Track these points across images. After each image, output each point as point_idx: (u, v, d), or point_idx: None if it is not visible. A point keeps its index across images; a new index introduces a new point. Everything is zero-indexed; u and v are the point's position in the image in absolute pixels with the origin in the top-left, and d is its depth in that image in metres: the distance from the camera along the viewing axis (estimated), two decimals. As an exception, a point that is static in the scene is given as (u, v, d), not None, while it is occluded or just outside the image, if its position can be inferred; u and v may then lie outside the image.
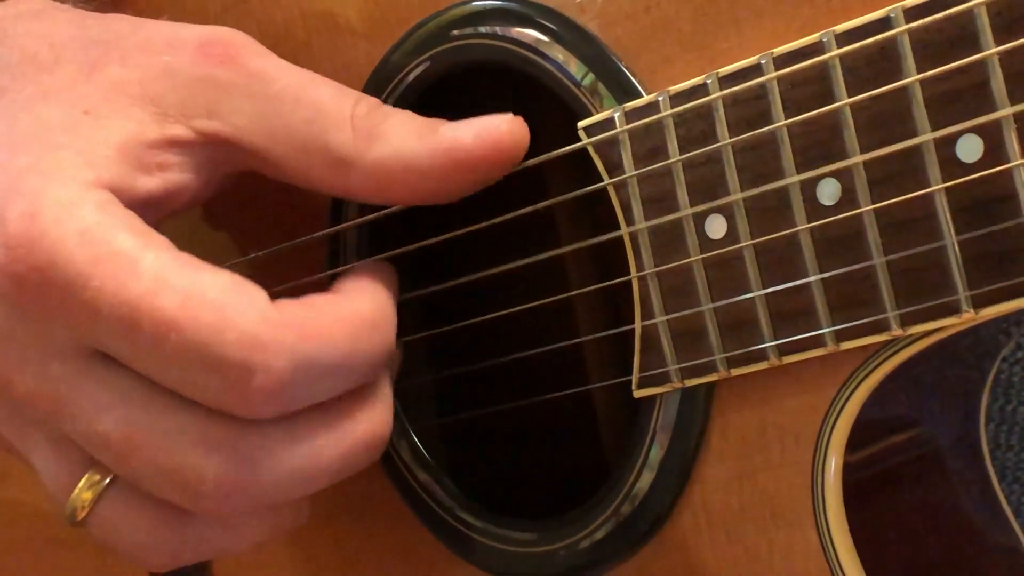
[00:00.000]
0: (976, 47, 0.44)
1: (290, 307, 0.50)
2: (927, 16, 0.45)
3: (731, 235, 0.51)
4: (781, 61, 0.48)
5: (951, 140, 0.45)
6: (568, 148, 0.54)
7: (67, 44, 0.55)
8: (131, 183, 0.52)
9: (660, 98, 0.51)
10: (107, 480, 0.52)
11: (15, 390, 0.51)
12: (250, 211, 0.66)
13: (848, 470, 0.50)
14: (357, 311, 0.52)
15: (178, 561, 0.54)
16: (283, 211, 0.64)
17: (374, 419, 0.53)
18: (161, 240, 0.50)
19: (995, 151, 0.45)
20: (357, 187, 0.54)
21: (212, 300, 0.48)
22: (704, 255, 0.51)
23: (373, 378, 0.53)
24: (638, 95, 0.53)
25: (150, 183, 0.53)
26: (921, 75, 0.45)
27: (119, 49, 0.54)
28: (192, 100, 0.53)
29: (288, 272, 0.65)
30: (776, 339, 0.50)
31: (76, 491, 0.52)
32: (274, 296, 0.50)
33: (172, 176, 0.53)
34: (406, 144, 0.53)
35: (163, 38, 0.54)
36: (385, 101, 0.61)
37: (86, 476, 0.52)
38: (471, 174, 0.53)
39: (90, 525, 0.53)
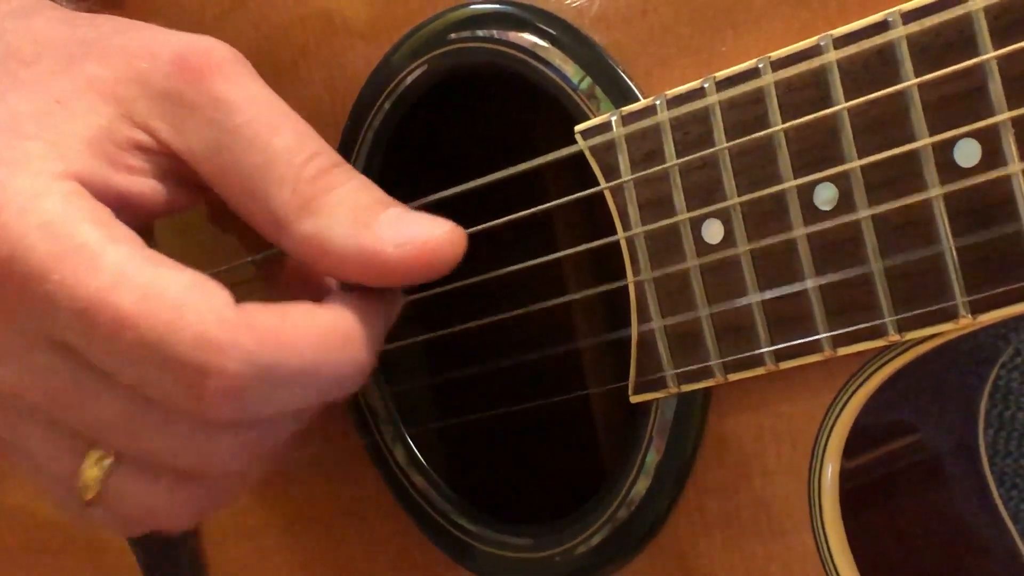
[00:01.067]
0: (974, 51, 0.44)
1: (254, 311, 0.48)
2: (925, 20, 0.45)
3: (728, 239, 0.50)
4: (778, 64, 0.48)
5: (949, 144, 0.45)
6: (565, 151, 0.54)
7: (51, 41, 0.54)
8: (103, 177, 0.51)
9: (657, 102, 0.51)
10: (111, 457, 0.51)
11: (1, 384, 0.50)
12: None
13: (845, 476, 0.50)
14: (331, 324, 0.50)
15: (205, 514, 0.53)
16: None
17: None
18: (126, 233, 0.49)
19: (993, 156, 0.44)
20: (290, 251, 0.52)
21: (170, 298, 0.47)
22: (701, 260, 0.51)
23: (350, 392, 0.52)
24: (635, 99, 0.53)
25: (121, 180, 0.52)
26: (919, 79, 0.45)
27: (99, 48, 0.54)
28: (158, 111, 0.52)
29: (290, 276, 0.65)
30: (773, 344, 0.50)
31: (82, 473, 0.51)
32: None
33: (140, 180, 0.53)
34: (334, 229, 0.51)
35: (144, 44, 0.53)
36: (383, 103, 0.61)
37: (89, 455, 0.51)
38: (390, 279, 0.51)
39: (103, 501, 0.52)
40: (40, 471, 0.53)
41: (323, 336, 0.50)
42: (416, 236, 0.51)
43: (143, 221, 0.54)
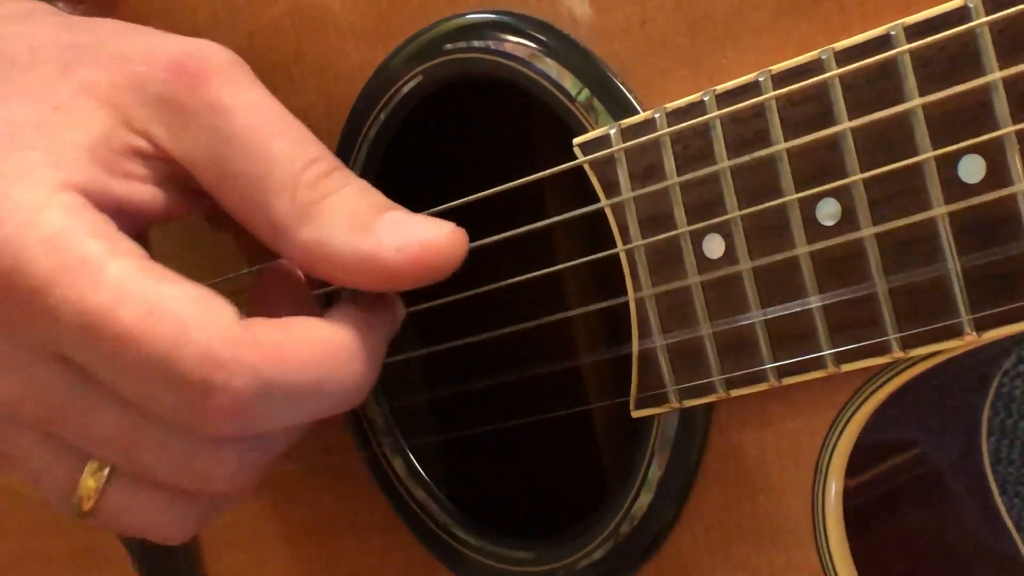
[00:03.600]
0: (978, 65, 0.44)
1: (259, 326, 0.48)
2: (928, 34, 0.44)
3: (729, 255, 0.50)
4: (779, 79, 0.48)
5: (953, 160, 0.45)
6: (564, 166, 0.53)
7: (47, 46, 0.53)
8: (103, 185, 0.50)
9: (657, 115, 0.51)
10: (108, 467, 0.51)
11: (1, 396, 0.50)
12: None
13: (849, 493, 0.50)
14: (335, 337, 0.50)
15: (201, 526, 0.53)
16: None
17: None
18: (129, 247, 0.48)
19: (998, 171, 0.44)
20: (291, 257, 0.52)
21: (174, 313, 0.46)
22: (702, 275, 0.50)
23: (353, 406, 0.51)
24: (634, 111, 0.52)
25: (120, 188, 0.51)
26: (923, 99, 0.44)
27: (95, 53, 0.53)
28: (156, 117, 0.51)
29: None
30: (775, 360, 0.49)
31: (81, 482, 0.51)
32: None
33: (138, 186, 0.52)
34: (334, 235, 0.50)
35: (140, 48, 0.53)
36: (379, 114, 0.60)
37: (87, 466, 0.51)
38: (391, 283, 0.51)
39: (100, 513, 0.51)
40: (39, 481, 0.53)
41: (327, 351, 0.49)
42: (417, 238, 0.50)
43: (142, 227, 0.53)
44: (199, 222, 0.66)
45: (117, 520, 0.52)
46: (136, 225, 0.53)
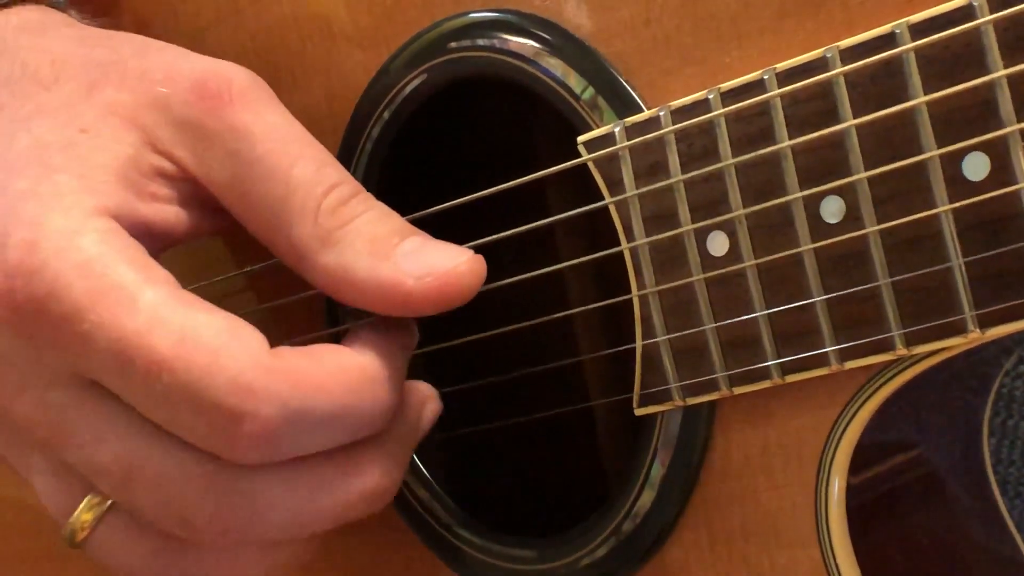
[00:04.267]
0: (983, 63, 0.44)
1: (287, 355, 0.49)
2: (933, 32, 0.45)
3: (733, 252, 0.50)
4: (784, 77, 0.48)
5: (957, 157, 0.45)
6: (568, 164, 0.53)
7: (68, 61, 0.54)
8: (132, 208, 0.51)
9: (661, 113, 0.51)
10: (107, 504, 0.52)
11: (15, 415, 0.51)
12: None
13: (852, 491, 0.50)
14: (359, 364, 0.50)
15: None
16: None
17: (376, 473, 0.52)
18: (162, 275, 0.49)
19: (1002, 169, 0.44)
20: (311, 280, 0.52)
21: (207, 342, 0.47)
22: (706, 273, 0.51)
23: (375, 432, 0.52)
24: (638, 109, 0.52)
25: (148, 210, 0.52)
26: (928, 97, 0.45)
27: (118, 72, 0.53)
28: (180, 138, 0.52)
29: (284, 286, 0.64)
30: (779, 358, 0.49)
31: (76, 513, 0.52)
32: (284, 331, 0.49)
33: (164, 207, 0.53)
34: (355, 262, 0.51)
35: (163, 68, 0.53)
36: (381, 114, 0.60)
37: (87, 499, 0.52)
38: (411, 310, 0.51)
39: (89, 547, 0.52)
40: (43, 501, 0.53)
41: (353, 379, 0.50)
42: (436, 267, 0.51)
43: (166, 247, 0.54)
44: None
45: (103, 557, 0.53)
46: (161, 245, 0.54)
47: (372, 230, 0.52)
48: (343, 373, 0.50)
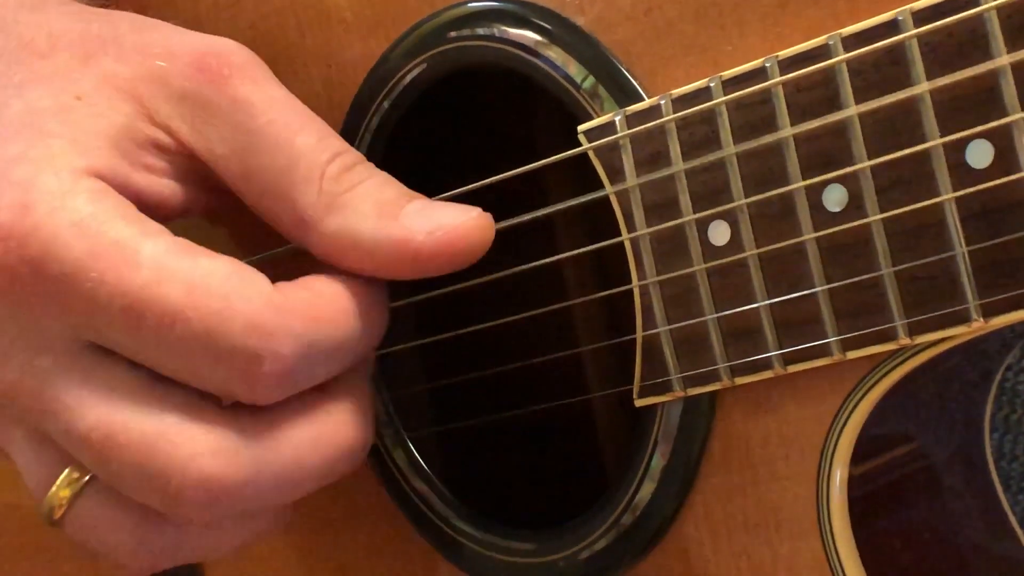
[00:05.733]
0: (987, 50, 0.43)
1: (292, 291, 0.49)
2: (936, 19, 0.44)
3: (735, 242, 0.50)
4: (786, 64, 0.47)
5: (961, 145, 0.44)
6: (568, 153, 0.53)
7: (65, 34, 0.53)
8: (124, 174, 0.51)
9: (662, 102, 0.50)
10: (86, 478, 0.51)
11: (1, 384, 0.50)
12: (245, 213, 0.64)
13: (853, 483, 0.49)
14: (355, 292, 0.51)
15: (157, 565, 0.53)
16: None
17: (354, 424, 0.52)
18: (156, 227, 0.49)
19: (1006, 157, 0.44)
20: (315, 250, 0.52)
21: (217, 288, 0.47)
22: (707, 263, 0.50)
23: (368, 357, 0.53)
24: (639, 98, 0.52)
25: (141, 179, 0.51)
26: (931, 84, 0.44)
27: (116, 44, 0.53)
28: (178, 112, 0.52)
29: (283, 277, 0.64)
30: (781, 348, 0.49)
31: (54, 488, 0.51)
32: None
33: (158, 180, 0.52)
34: (361, 224, 0.51)
35: (162, 43, 0.53)
36: (381, 103, 0.60)
37: (65, 473, 0.51)
38: (420, 268, 0.51)
39: (67, 524, 0.52)
40: (25, 477, 0.53)
41: (352, 305, 0.51)
42: (444, 223, 0.51)
43: (159, 222, 0.53)
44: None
45: (82, 534, 0.52)
46: (154, 218, 0.53)
47: (378, 193, 0.52)
48: (343, 301, 0.50)
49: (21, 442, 0.52)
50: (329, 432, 0.51)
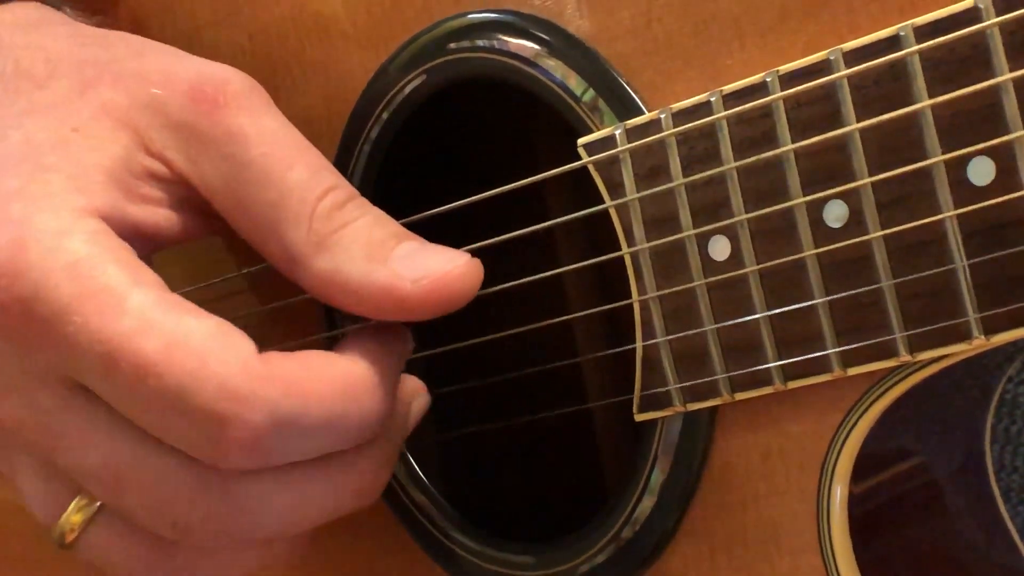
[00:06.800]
0: (988, 67, 0.43)
1: (277, 360, 0.48)
2: (938, 35, 0.44)
3: (735, 257, 0.49)
4: (787, 79, 0.47)
5: (962, 162, 0.44)
6: (568, 167, 0.53)
7: (62, 59, 0.53)
8: (122, 210, 0.51)
9: (662, 116, 0.50)
10: (97, 505, 0.51)
11: (3, 415, 0.50)
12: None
13: (854, 499, 0.49)
14: (351, 372, 0.50)
15: None
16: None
17: (367, 472, 0.52)
18: (150, 277, 0.49)
19: (1007, 174, 0.43)
20: (305, 286, 0.52)
21: (194, 347, 0.47)
22: (707, 278, 0.50)
23: (368, 439, 0.51)
24: (639, 111, 0.52)
25: (139, 212, 0.51)
26: (933, 100, 0.44)
27: (112, 71, 0.53)
28: (173, 141, 0.52)
29: (283, 288, 0.64)
30: (781, 363, 0.49)
31: (65, 515, 0.51)
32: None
33: (155, 210, 0.52)
34: (350, 266, 0.50)
35: (158, 70, 0.53)
36: (381, 114, 0.60)
37: (76, 500, 0.51)
38: (408, 314, 0.51)
39: (79, 548, 0.52)
40: (30, 504, 0.53)
41: (344, 386, 0.49)
42: (432, 270, 0.50)
43: (156, 250, 0.54)
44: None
45: (94, 557, 0.52)
46: (151, 247, 0.53)
47: (368, 234, 0.51)
48: (335, 380, 0.49)
49: (28, 470, 0.52)
50: (340, 477, 0.51)
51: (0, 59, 0.53)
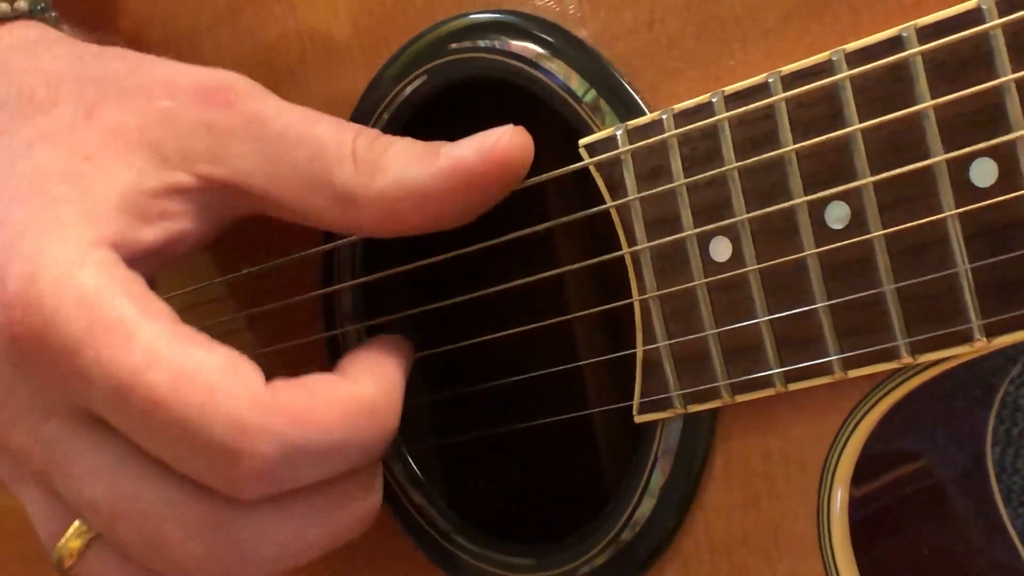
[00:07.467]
0: (991, 67, 0.43)
1: (284, 390, 0.49)
2: (941, 35, 0.44)
3: (736, 258, 0.49)
4: (789, 80, 0.47)
5: (965, 163, 0.44)
6: (569, 168, 0.53)
7: (63, 82, 0.53)
8: (133, 236, 0.51)
9: (664, 116, 0.50)
10: (95, 531, 0.52)
11: (13, 443, 0.51)
12: (244, 226, 0.64)
13: (855, 502, 0.49)
14: (356, 396, 0.51)
15: None
16: (277, 226, 0.63)
17: (363, 500, 0.53)
18: (160, 309, 0.49)
19: (1010, 175, 0.43)
20: (365, 220, 0.53)
21: (203, 380, 0.47)
22: (708, 279, 0.50)
23: (371, 461, 0.52)
24: (641, 112, 0.52)
25: (151, 234, 0.52)
26: (935, 101, 0.44)
27: (116, 91, 0.53)
28: (193, 146, 0.52)
29: (281, 289, 0.64)
30: (782, 365, 0.49)
31: (64, 540, 0.52)
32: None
33: (174, 224, 0.52)
34: (409, 171, 0.52)
35: (161, 82, 0.53)
36: (379, 116, 0.60)
37: (74, 526, 0.52)
38: (478, 192, 0.52)
39: (77, 573, 0.53)
40: (35, 524, 0.54)
41: (350, 410, 0.50)
42: (487, 141, 0.52)
43: (175, 261, 0.54)
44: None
45: None
46: (170, 260, 0.54)
47: (412, 147, 0.53)
48: (340, 405, 0.50)
49: (34, 495, 0.53)
50: (337, 510, 0.52)
51: (3, 85, 0.53)
